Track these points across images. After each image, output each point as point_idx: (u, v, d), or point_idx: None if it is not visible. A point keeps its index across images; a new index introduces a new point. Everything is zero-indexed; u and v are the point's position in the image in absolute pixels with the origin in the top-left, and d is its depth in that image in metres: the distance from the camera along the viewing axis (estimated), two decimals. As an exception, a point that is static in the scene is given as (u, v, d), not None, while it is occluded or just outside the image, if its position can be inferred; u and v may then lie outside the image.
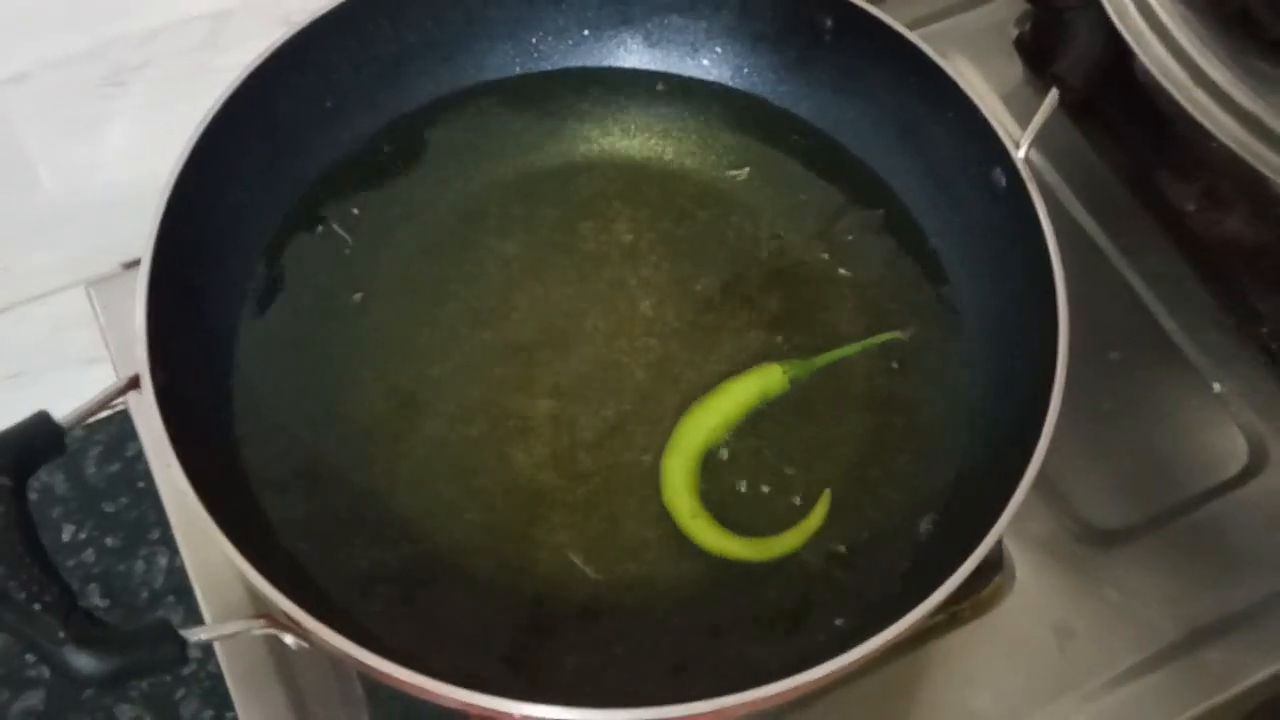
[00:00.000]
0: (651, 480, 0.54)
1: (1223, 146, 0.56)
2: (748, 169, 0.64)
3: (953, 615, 0.57)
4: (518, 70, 0.65)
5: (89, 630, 0.42)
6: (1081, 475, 0.61)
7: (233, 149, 0.56)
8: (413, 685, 0.43)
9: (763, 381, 0.56)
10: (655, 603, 0.52)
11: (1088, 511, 0.60)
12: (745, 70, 0.66)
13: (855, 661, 0.44)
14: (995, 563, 0.58)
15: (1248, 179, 0.56)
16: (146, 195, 0.52)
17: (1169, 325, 0.66)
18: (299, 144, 0.60)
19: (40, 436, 0.47)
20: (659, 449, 0.55)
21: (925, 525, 0.54)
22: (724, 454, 0.55)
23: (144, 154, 0.58)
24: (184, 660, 0.44)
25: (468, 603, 0.51)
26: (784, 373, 0.56)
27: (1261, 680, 0.56)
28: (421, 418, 0.56)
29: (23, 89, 0.65)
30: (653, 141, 0.65)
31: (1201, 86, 0.57)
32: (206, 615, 0.56)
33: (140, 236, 0.51)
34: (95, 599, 0.71)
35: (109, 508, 0.74)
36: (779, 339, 0.59)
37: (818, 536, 0.53)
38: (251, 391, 0.55)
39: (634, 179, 0.63)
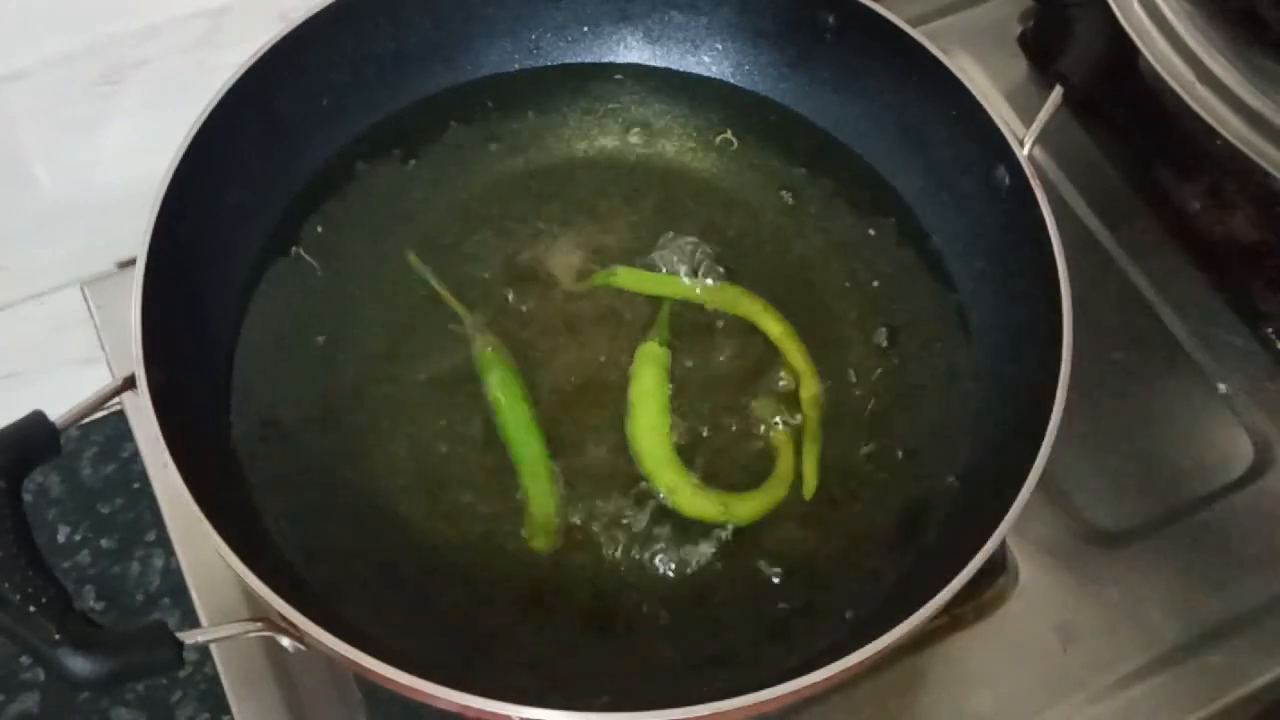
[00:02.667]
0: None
1: (1227, 144, 0.56)
2: (747, 166, 0.64)
3: (956, 617, 0.57)
4: (517, 67, 0.65)
5: (84, 632, 0.42)
6: (1085, 476, 0.60)
7: (229, 147, 0.56)
8: (410, 687, 0.43)
9: (656, 360, 0.56)
10: (658, 603, 0.52)
11: (1091, 512, 0.60)
12: (746, 67, 0.66)
13: (858, 664, 0.44)
14: (999, 564, 0.58)
15: (1252, 177, 0.56)
16: (144, 194, 0.52)
17: (1173, 325, 0.65)
18: (296, 142, 0.60)
19: (35, 437, 0.47)
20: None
21: (929, 526, 0.54)
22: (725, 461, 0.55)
23: (142, 153, 0.57)
24: (180, 663, 0.44)
25: (466, 604, 0.51)
26: (658, 345, 0.57)
27: (1267, 683, 0.56)
28: (421, 418, 0.55)
29: (20, 87, 0.65)
30: (653, 138, 0.65)
31: (1206, 84, 0.57)
32: (203, 617, 0.55)
33: (137, 235, 0.51)
34: (91, 601, 0.71)
35: (104, 509, 0.73)
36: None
37: (821, 539, 0.53)
38: (248, 392, 0.55)
39: (634, 176, 0.63)
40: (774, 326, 0.58)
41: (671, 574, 0.52)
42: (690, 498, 0.53)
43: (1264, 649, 0.57)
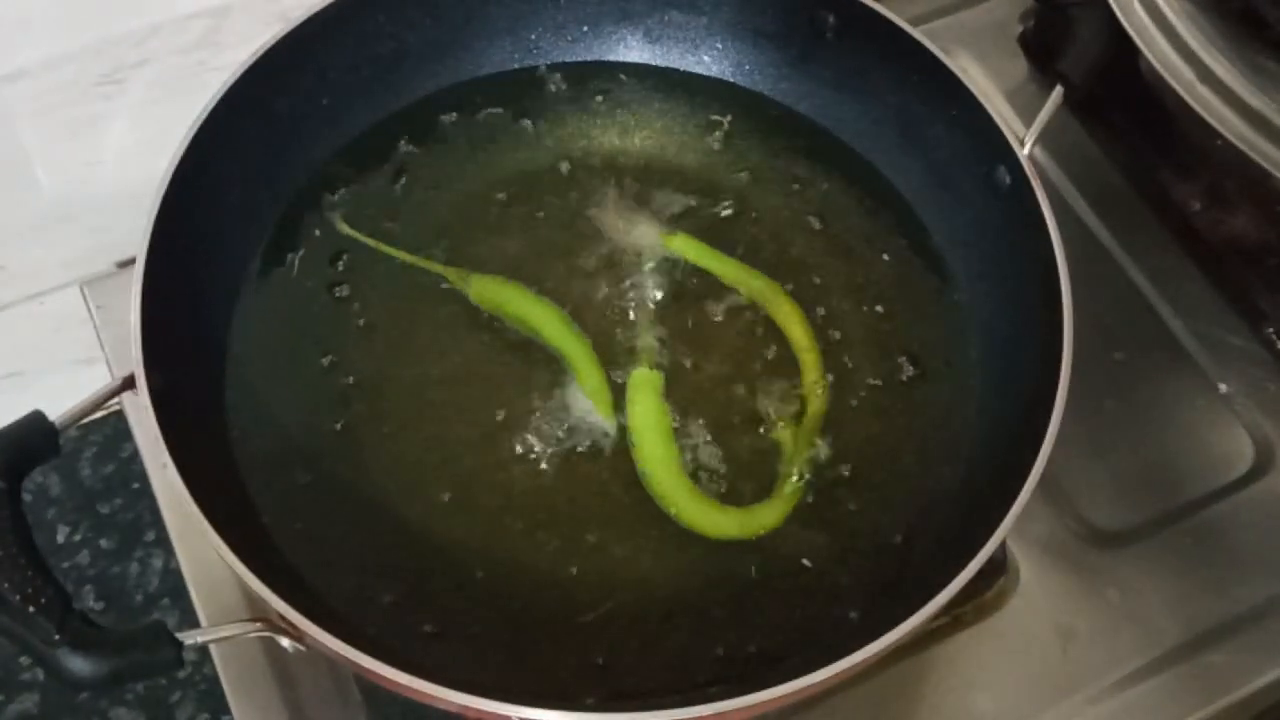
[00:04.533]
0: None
1: (1228, 144, 0.56)
2: (748, 166, 0.64)
3: (956, 618, 0.57)
4: (517, 66, 0.65)
5: (84, 633, 0.42)
6: (1086, 476, 0.60)
7: (229, 147, 0.55)
8: (410, 688, 0.42)
9: (650, 385, 0.56)
10: (656, 604, 0.52)
11: (1092, 513, 0.60)
12: (746, 67, 0.66)
13: (858, 664, 0.44)
14: (999, 565, 0.58)
15: (1253, 177, 0.56)
16: (145, 194, 0.52)
17: (1174, 325, 0.65)
18: (296, 142, 0.60)
19: (35, 437, 0.46)
20: (659, 449, 0.55)
21: (930, 526, 0.54)
22: (725, 472, 0.55)
23: (142, 153, 0.57)
24: (180, 663, 0.44)
25: (465, 604, 0.51)
26: (649, 368, 0.56)
27: (1267, 684, 0.56)
28: (420, 419, 0.55)
29: (20, 87, 0.65)
30: (653, 138, 0.64)
31: (1207, 83, 0.57)
32: (202, 618, 0.55)
33: (138, 235, 0.51)
34: (90, 601, 0.71)
35: (104, 509, 0.73)
36: (776, 340, 0.58)
37: (821, 540, 0.53)
38: (247, 391, 0.55)
39: (634, 176, 0.63)
40: (801, 337, 0.58)
41: (672, 574, 0.52)
42: (709, 520, 0.53)
43: (1264, 649, 0.56)
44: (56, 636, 0.41)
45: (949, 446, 0.56)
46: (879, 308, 0.60)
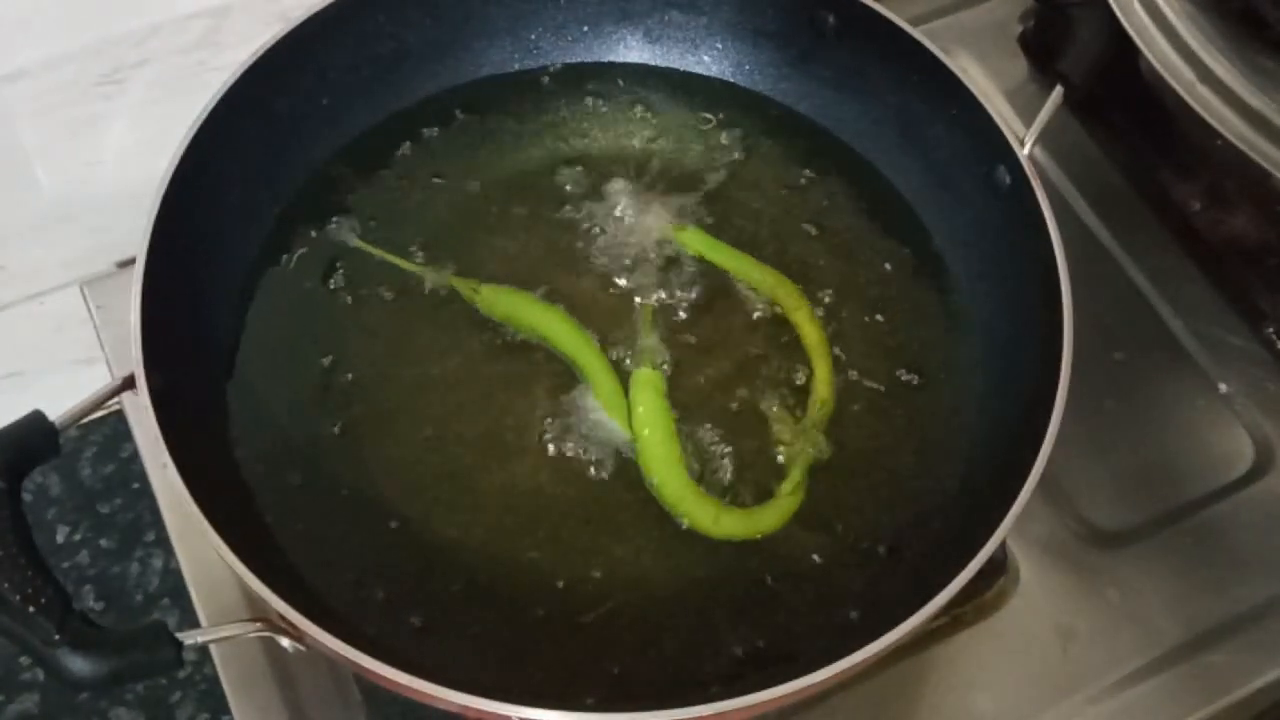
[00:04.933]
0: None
1: (1228, 144, 0.56)
2: (748, 166, 0.64)
3: (956, 617, 0.56)
4: (517, 66, 0.65)
5: (84, 633, 0.42)
6: (1086, 476, 0.60)
7: (229, 147, 0.55)
8: (410, 688, 0.42)
9: (652, 385, 0.56)
10: (656, 604, 0.52)
11: (1092, 512, 0.60)
12: (746, 67, 0.66)
13: (858, 664, 0.44)
14: (999, 564, 0.58)
15: (1253, 177, 0.56)
16: (145, 194, 0.52)
17: (1174, 325, 0.65)
18: (296, 142, 0.60)
19: (35, 437, 0.46)
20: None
21: (929, 526, 0.54)
22: (727, 472, 0.55)
23: (142, 153, 0.57)
24: (180, 663, 0.44)
25: (464, 604, 0.51)
26: (652, 368, 0.56)
27: (1267, 683, 0.56)
28: (420, 418, 0.55)
29: (20, 87, 0.65)
30: (653, 138, 0.64)
31: (1207, 84, 0.57)
32: (202, 618, 0.55)
33: (138, 235, 0.51)
34: (90, 601, 0.71)
35: (104, 509, 0.73)
36: (780, 338, 0.58)
37: (822, 539, 0.53)
38: (247, 391, 0.55)
39: (634, 176, 0.63)
40: (812, 334, 0.58)
41: (672, 573, 0.52)
42: (714, 522, 0.53)
43: (1264, 649, 0.56)
44: (56, 636, 0.41)
45: (949, 447, 0.56)
46: (879, 307, 0.60)
